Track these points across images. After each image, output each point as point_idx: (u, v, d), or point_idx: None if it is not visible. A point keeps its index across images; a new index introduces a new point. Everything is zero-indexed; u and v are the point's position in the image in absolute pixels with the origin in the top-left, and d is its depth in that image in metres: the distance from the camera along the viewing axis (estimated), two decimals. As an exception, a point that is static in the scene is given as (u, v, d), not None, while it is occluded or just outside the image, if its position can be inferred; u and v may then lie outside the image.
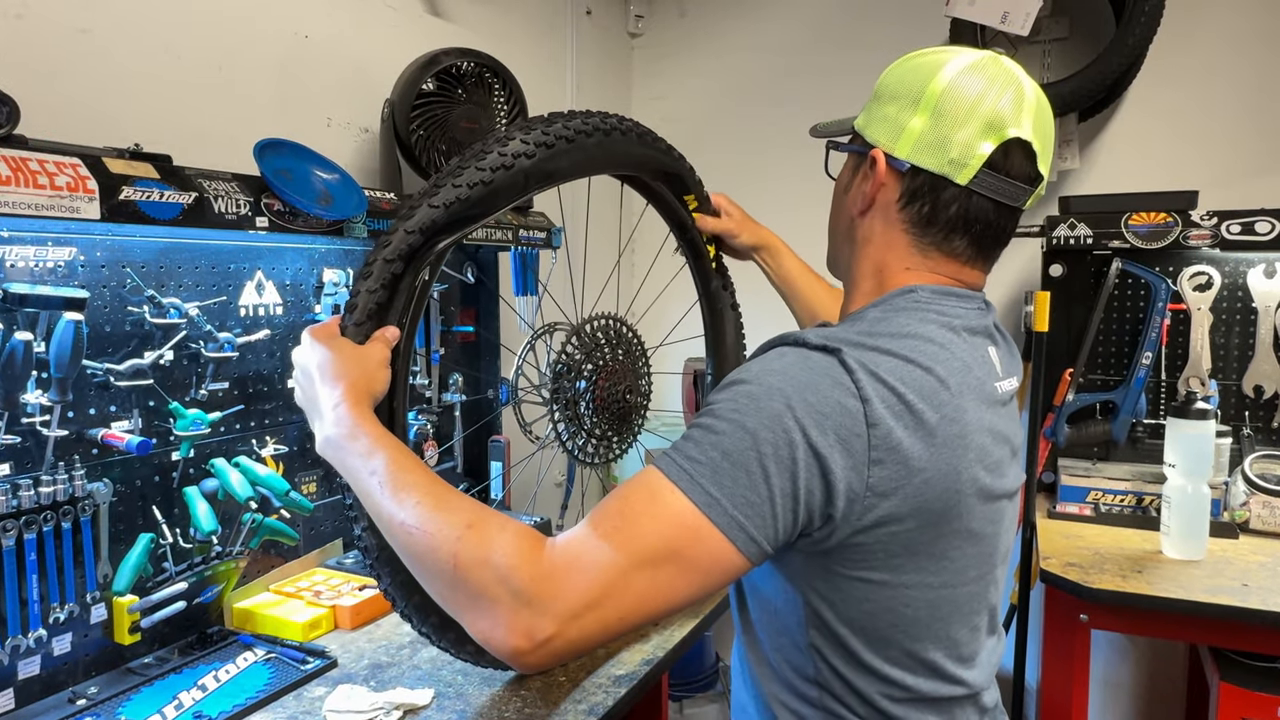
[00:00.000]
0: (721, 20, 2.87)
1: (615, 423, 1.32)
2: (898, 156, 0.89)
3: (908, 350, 0.81)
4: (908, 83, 0.90)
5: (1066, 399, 2.08)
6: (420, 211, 0.98)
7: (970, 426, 0.82)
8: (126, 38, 1.41)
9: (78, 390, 1.23)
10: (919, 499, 0.79)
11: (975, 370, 0.86)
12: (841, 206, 0.98)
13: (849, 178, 0.97)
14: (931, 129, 0.87)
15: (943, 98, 0.86)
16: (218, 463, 1.42)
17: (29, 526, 1.17)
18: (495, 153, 1.01)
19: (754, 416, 0.76)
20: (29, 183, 1.04)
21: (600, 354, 1.27)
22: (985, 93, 0.86)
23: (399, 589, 1.03)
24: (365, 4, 1.89)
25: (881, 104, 0.92)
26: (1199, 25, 2.29)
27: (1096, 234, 2.04)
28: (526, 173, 1.03)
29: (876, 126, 0.92)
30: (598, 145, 1.12)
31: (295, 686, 1.25)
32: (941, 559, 0.83)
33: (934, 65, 0.88)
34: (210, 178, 1.29)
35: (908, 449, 0.77)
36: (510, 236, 1.81)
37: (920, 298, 0.88)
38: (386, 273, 0.97)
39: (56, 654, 1.23)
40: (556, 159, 1.06)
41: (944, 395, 0.81)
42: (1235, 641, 1.66)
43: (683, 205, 1.39)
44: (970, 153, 0.86)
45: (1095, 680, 2.38)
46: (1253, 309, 2.08)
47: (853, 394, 0.77)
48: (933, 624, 0.85)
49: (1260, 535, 1.90)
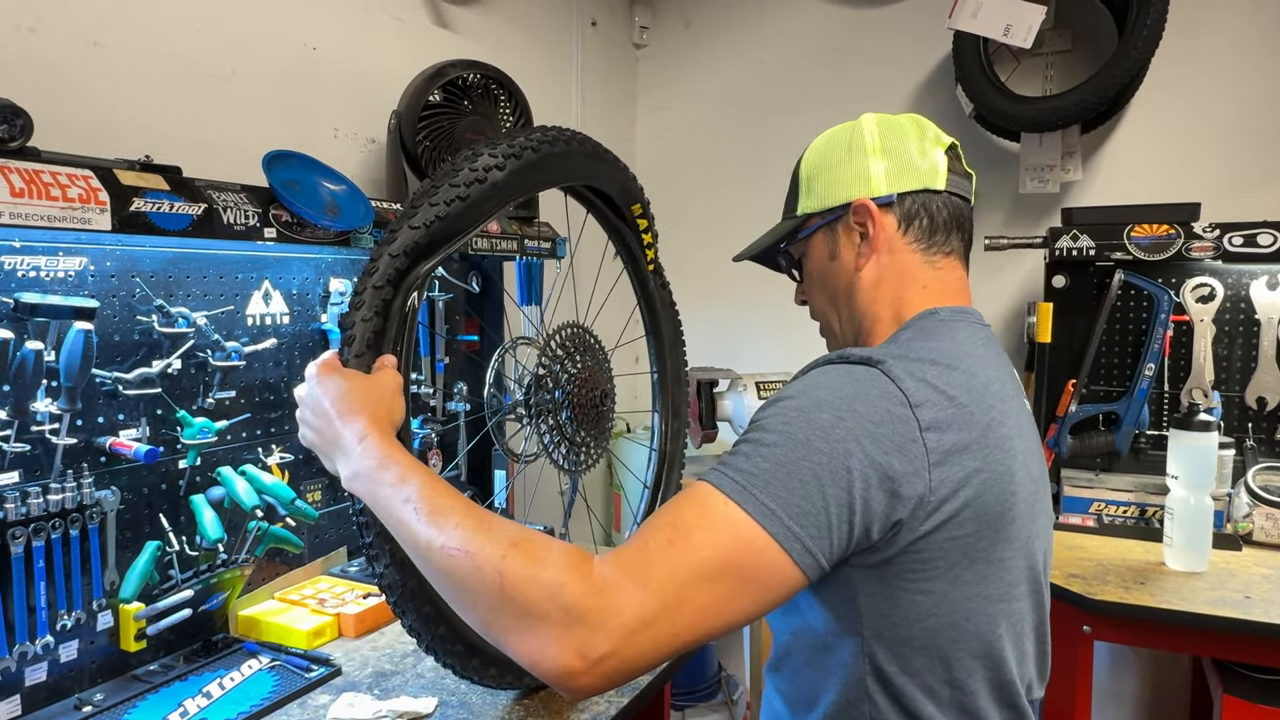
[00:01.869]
0: (725, 32, 2.89)
1: (593, 425, 1.33)
2: (880, 194, 0.96)
3: (949, 359, 0.84)
4: (838, 147, 0.99)
5: (1069, 410, 2.08)
6: (402, 234, 0.98)
7: (1014, 431, 0.85)
8: (137, 51, 1.43)
9: (87, 399, 1.24)
10: (979, 500, 0.79)
11: (1009, 382, 0.91)
12: (832, 276, 1.01)
13: (826, 250, 1.01)
14: (893, 162, 0.96)
15: (882, 138, 0.97)
16: (224, 471, 1.43)
17: (37, 534, 1.18)
18: (466, 169, 1.02)
19: (805, 429, 0.75)
20: (42, 194, 1.05)
21: (572, 362, 1.28)
22: (904, 123, 0.99)
23: (423, 623, 1.03)
24: (372, 16, 1.91)
25: (824, 176, 1.00)
26: (1201, 38, 2.30)
27: (1099, 245, 2.05)
28: (499, 185, 1.04)
29: (836, 190, 0.98)
30: (560, 157, 1.15)
31: (299, 694, 1.26)
32: (1000, 565, 0.82)
33: (848, 128, 1.00)
34: (219, 189, 1.30)
35: (964, 449, 0.78)
36: (515, 246, 1.82)
37: (943, 317, 0.93)
38: (378, 300, 0.97)
39: (63, 661, 1.23)
40: (524, 172, 1.08)
41: (990, 399, 0.84)
42: (1238, 653, 1.65)
43: (620, 213, 1.40)
44: (934, 163, 0.96)
45: (1098, 692, 2.37)
46: (1255, 321, 2.08)
47: (902, 401, 0.77)
48: (991, 641, 0.83)
49: (1263, 547, 1.90)
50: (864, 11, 2.69)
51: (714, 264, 2.58)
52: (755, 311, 2.78)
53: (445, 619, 1.05)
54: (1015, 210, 2.54)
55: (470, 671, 1.12)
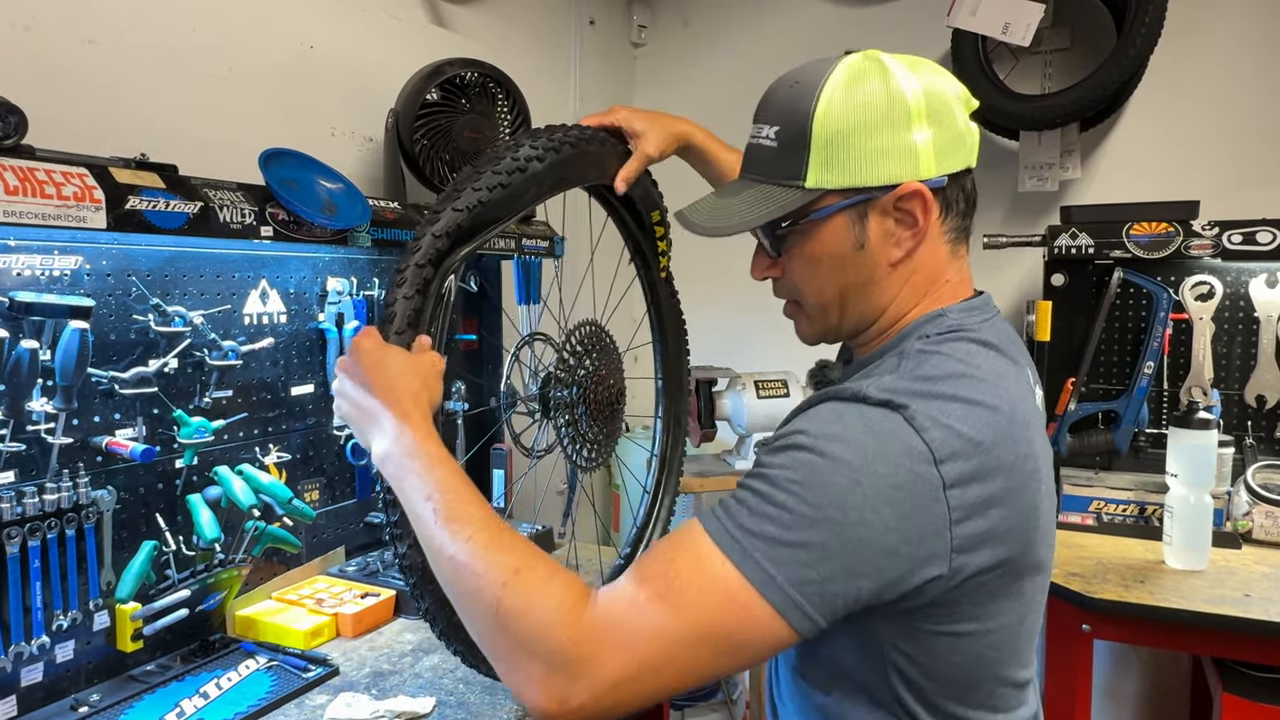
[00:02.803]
0: (724, 30, 2.88)
1: (606, 424, 1.34)
2: (930, 177, 0.81)
3: (970, 392, 0.75)
4: (875, 107, 0.80)
5: (1068, 408, 2.08)
6: (445, 215, 1.00)
7: (1039, 459, 0.79)
8: (133, 49, 1.42)
9: (82, 398, 1.24)
10: (1003, 545, 0.75)
11: (1026, 397, 0.82)
12: (852, 266, 0.85)
13: (850, 237, 0.84)
14: (941, 133, 0.81)
15: (929, 100, 0.81)
16: (221, 470, 1.43)
17: (33, 533, 1.17)
18: (509, 158, 1.04)
19: (817, 491, 0.70)
20: (37, 193, 1.05)
21: (589, 360, 1.29)
22: (940, 77, 0.84)
23: (439, 608, 1.02)
24: (370, 15, 1.90)
25: (857, 143, 0.81)
26: (1200, 36, 2.30)
27: (1098, 244, 2.05)
28: (538, 176, 1.05)
29: (876, 166, 0.81)
30: (595, 154, 1.16)
31: (297, 694, 1.25)
32: (1020, 596, 0.80)
33: (884, 81, 0.81)
34: (215, 187, 1.30)
35: (989, 501, 0.73)
36: (513, 246, 1.82)
37: (952, 321, 0.83)
38: (420, 278, 0.98)
39: (59, 661, 1.23)
40: (564, 165, 1.09)
41: (1016, 431, 0.76)
42: (1238, 652, 1.65)
43: (640, 218, 1.38)
44: (969, 133, 0.84)
45: (1098, 690, 2.37)
46: (1254, 319, 2.08)
47: (926, 458, 0.70)
48: (1012, 657, 0.83)
49: (1263, 545, 1.90)
50: (862, 10, 2.69)
51: (713, 263, 2.57)
52: (754, 311, 2.77)
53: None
54: (1014, 208, 2.54)
55: (479, 661, 1.11)
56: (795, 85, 0.85)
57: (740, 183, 0.90)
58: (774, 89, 0.89)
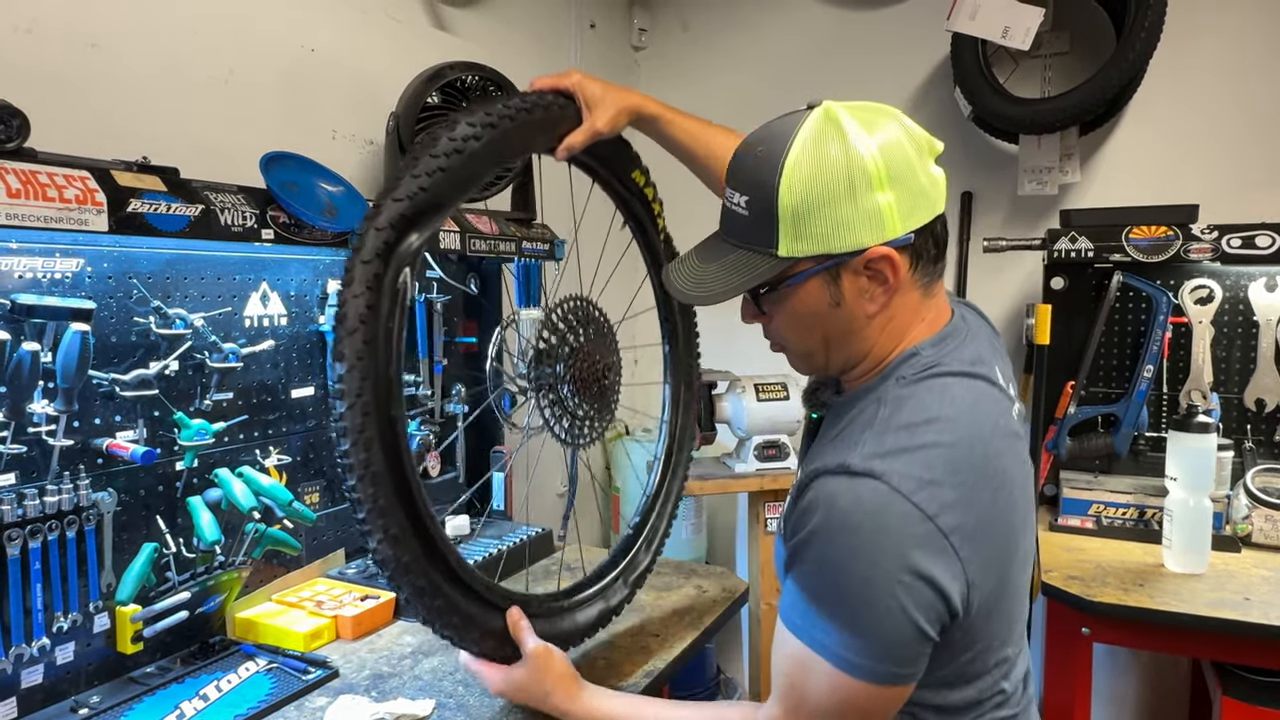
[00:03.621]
0: (724, 34, 2.89)
1: (596, 400, 1.31)
2: (895, 237, 0.85)
3: (944, 434, 0.83)
4: (835, 178, 0.84)
5: (1068, 412, 2.08)
6: (386, 207, 0.99)
7: (1011, 476, 0.88)
8: (134, 52, 1.43)
9: (83, 400, 1.24)
10: (994, 559, 0.85)
11: (997, 419, 0.89)
12: (830, 321, 0.91)
13: (826, 297, 0.89)
14: (903, 193, 0.85)
15: (887, 163, 0.84)
16: (221, 473, 1.43)
17: (34, 535, 1.18)
18: (445, 139, 1.03)
19: (851, 588, 0.80)
20: (39, 195, 1.05)
21: (574, 335, 1.26)
22: (900, 138, 0.86)
23: (418, 597, 1.04)
24: (371, 18, 1.91)
25: (821, 214, 0.85)
26: (1199, 39, 2.31)
27: (1097, 247, 2.05)
28: (478, 154, 1.04)
29: (842, 235, 0.85)
30: (541, 121, 1.13)
31: (296, 697, 1.25)
32: (1013, 589, 0.90)
33: (840, 147, 0.84)
34: (217, 190, 1.30)
35: (977, 526, 0.82)
36: (513, 249, 1.82)
37: (925, 360, 0.90)
38: (368, 275, 0.97)
39: (59, 663, 1.23)
40: (506, 138, 1.07)
41: (989, 463, 0.85)
42: (1238, 655, 1.65)
43: (626, 183, 1.36)
44: (936, 181, 0.89)
45: (1098, 694, 2.36)
46: (1254, 322, 2.08)
47: (920, 518, 0.79)
48: (1007, 637, 0.92)
49: (1262, 549, 1.90)
50: (862, 13, 2.70)
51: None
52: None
53: (441, 592, 1.06)
54: (1014, 212, 2.54)
55: (470, 643, 1.13)
56: (759, 154, 0.88)
57: (719, 244, 0.94)
58: (741, 154, 0.92)
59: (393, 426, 0.99)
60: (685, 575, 1.79)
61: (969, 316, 1.01)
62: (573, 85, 1.18)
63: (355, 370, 0.96)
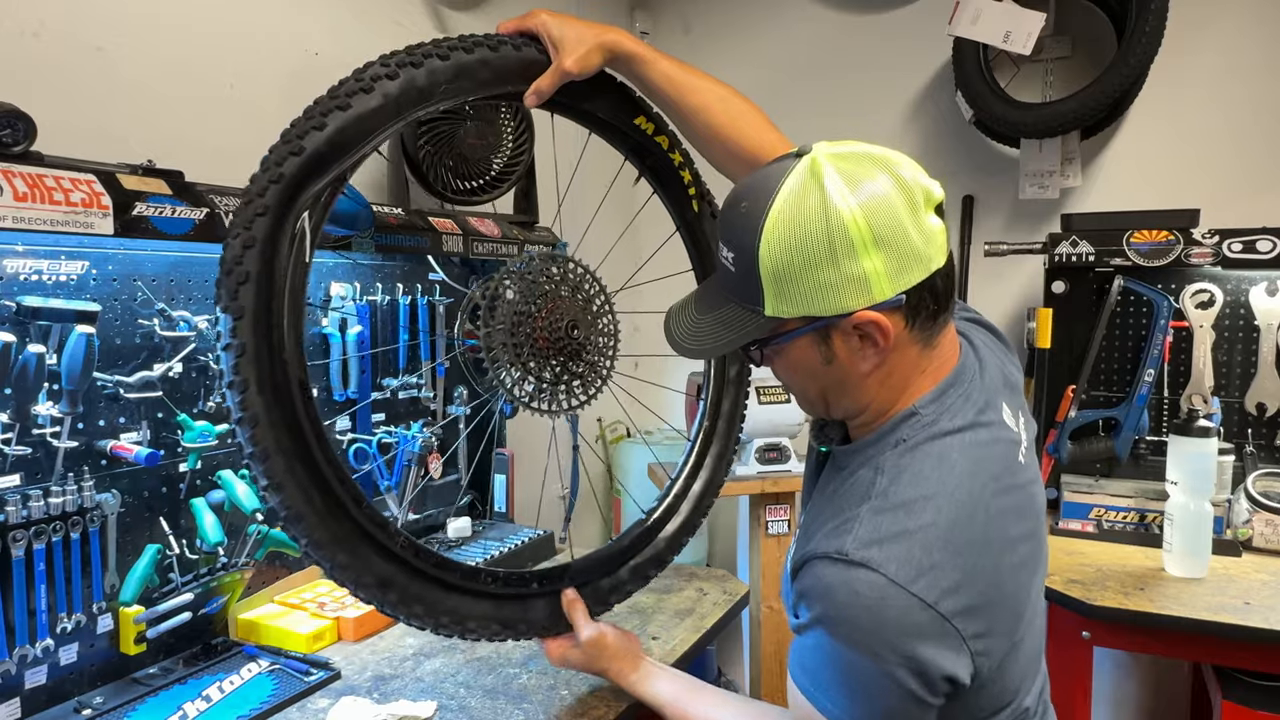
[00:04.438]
0: (725, 37, 2.90)
1: (570, 359, 1.19)
2: (884, 300, 0.81)
3: (940, 512, 0.81)
4: (815, 243, 0.79)
5: (1069, 415, 2.08)
6: (276, 149, 0.93)
7: (1013, 535, 0.87)
8: (140, 56, 1.43)
9: (88, 402, 1.25)
10: (1004, 623, 0.85)
11: (999, 474, 0.88)
12: (825, 375, 0.89)
13: (818, 354, 0.87)
14: (892, 255, 0.80)
15: (871, 226, 0.79)
16: (224, 474, 1.43)
17: (38, 537, 1.18)
18: (352, 79, 0.97)
19: (856, 679, 0.81)
20: (45, 199, 1.06)
21: (539, 294, 1.16)
22: (890, 194, 0.80)
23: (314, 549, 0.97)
24: (375, 21, 1.91)
25: (801, 280, 0.81)
26: (1200, 44, 2.31)
27: (1098, 251, 2.05)
28: (393, 95, 0.98)
29: (823, 300, 0.81)
30: (490, 62, 1.05)
31: (299, 698, 1.26)
32: (1025, 636, 0.90)
33: (823, 209, 0.79)
34: (221, 193, 1.31)
35: (982, 600, 0.82)
36: (516, 251, 1.82)
37: (924, 419, 0.87)
38: (248, 215, 0.92)
39: (63, 664, 1.24)
40: (432, 77, 1.00)
41: (990, 532, 0.84)
42: (1238, 660, 1.65)
43: (628, 129, 1.24)
44: (933, 235, 0.82)
45: (1098, 697, 2.37)
46: (1255, 326, 2.08)
47: (920, 606, 0.78)
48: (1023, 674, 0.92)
49: (1263, 553, 1.90)
50: (864, 17, 2.70)
51: (714, 269, 2.58)
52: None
53: (398, 580, 1.02)
54: (1015, 216, 2.55)
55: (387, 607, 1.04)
56: (743, 211, 0.84)
57: (715, 293, 0.91)
58: (728, 207, 0.88)
59: (283, 372, 0.92)
60: (686, 578, 1.80)
61: (977, 340, 0.98)
62: (537, 25, 1.09)
63: (230, 311, 0.92)
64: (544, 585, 1.19)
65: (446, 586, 1.07)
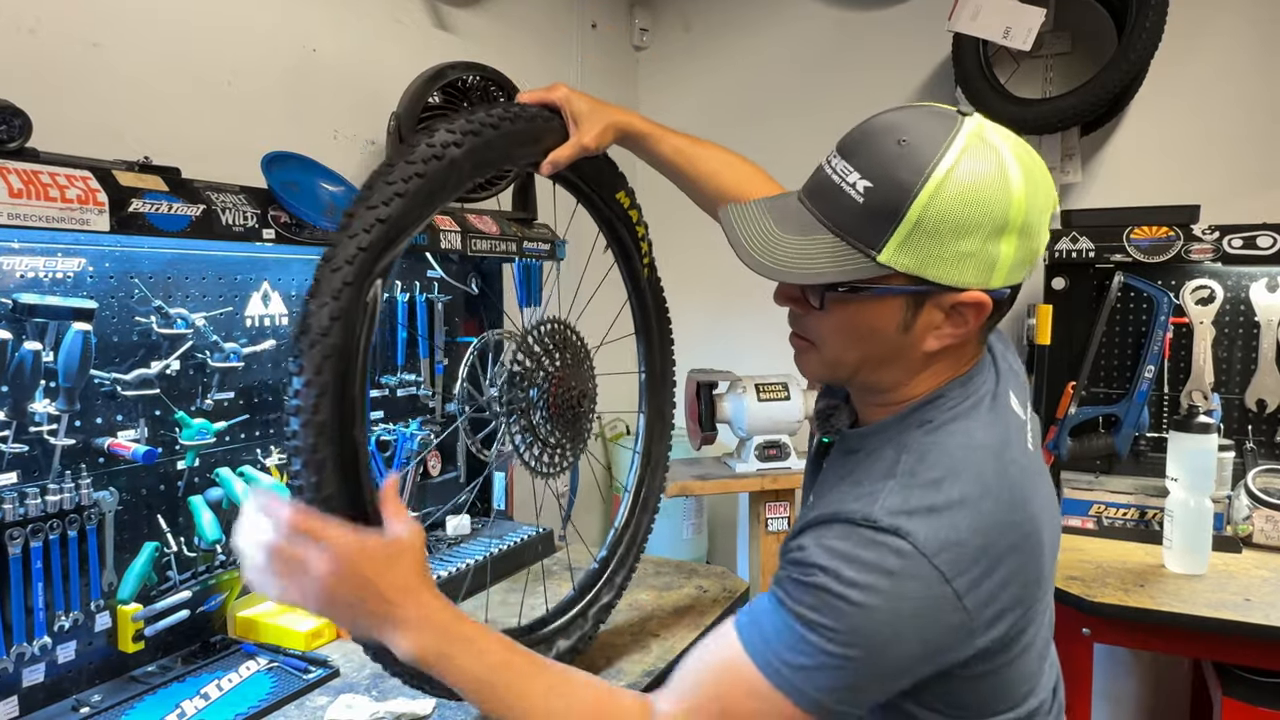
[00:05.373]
0: (725, 34, 2.89)
1: (568, 428, 1.27)
2: (994, 289, 0.81)
3: (968, 489, 0.79)
4: (983, 212, 0.77)
5: (1069, 412, 2.08)
6: (360, 215, 0.92)
7: (1038, 520, 0.83)
8: (137, 52, 1.43)
9: (85, 400, 1.24)
10: (1017, 608, 0.81)
11: (1018, 460, 0.85)
12: (884, 342, 0.84)
13: (898, 319, 0.83)
14: (1021, 248, 0.79)
15: (1028, 214, 0.78)
16: (222, 472, 1.43)
17: (35, 534, 1.18)
18: (424, 145, 0.98)
19: (848, 634, 0.76)
20: (40, 195, 1.05)
21: (549, 359, 1.21)
22: (1045, 182, 0.81)
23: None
24: (373, 18, 1.91)
25: (947, 241, 0.77)
26: (1201, 40, 2.30)
27: (1098, 248, 2.05)
28: (457, 162, 1.00)
29: (954, 267, 0.78)
30: (523, 132, 1.09)
31: (297, 696, 1.26)
32: (1034, 623, 0.87)
33: (1000, 178, 0.77)
34: (218, 190, 1.30)
35: (1000, 584, 0.79)
36: (514, 248, 1.82)
37: (951, 401, 0.85)
38: (336, 283, 0.89)
39: (61, 662, 1.23)
40: (486, 147, 1.03)
41: (1015, 514, 0.81)
42: (1238, 656, 1.65)
43: (610, 203, 1.33)
44: (1043, 246, 0.83)
45: (1098, 694, 2.36)
46: (1255, 323, 2.08)
47: (940, 579, 0.76)
48: (1034, 672, 0.90)
49: (1263, 550, 1.90)
50: (863, 14, 2.70)
51: (713, 266, 2.57)
52: (754, 314, 2.78)
53: None
54: (1015, 212, 2.54)
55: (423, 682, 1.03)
56: (902, 144, 0.78)
57: (803, 213, 0.84)
58: (876, 135, 0.80)
59: (353, 450, 0.90)
60: (686, 575, 1.80)
61: (992, 342, 0.98)
62: (559, 99, 1.13)
63: (314, 385, 0.87)
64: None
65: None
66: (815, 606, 0.77)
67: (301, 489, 0.88)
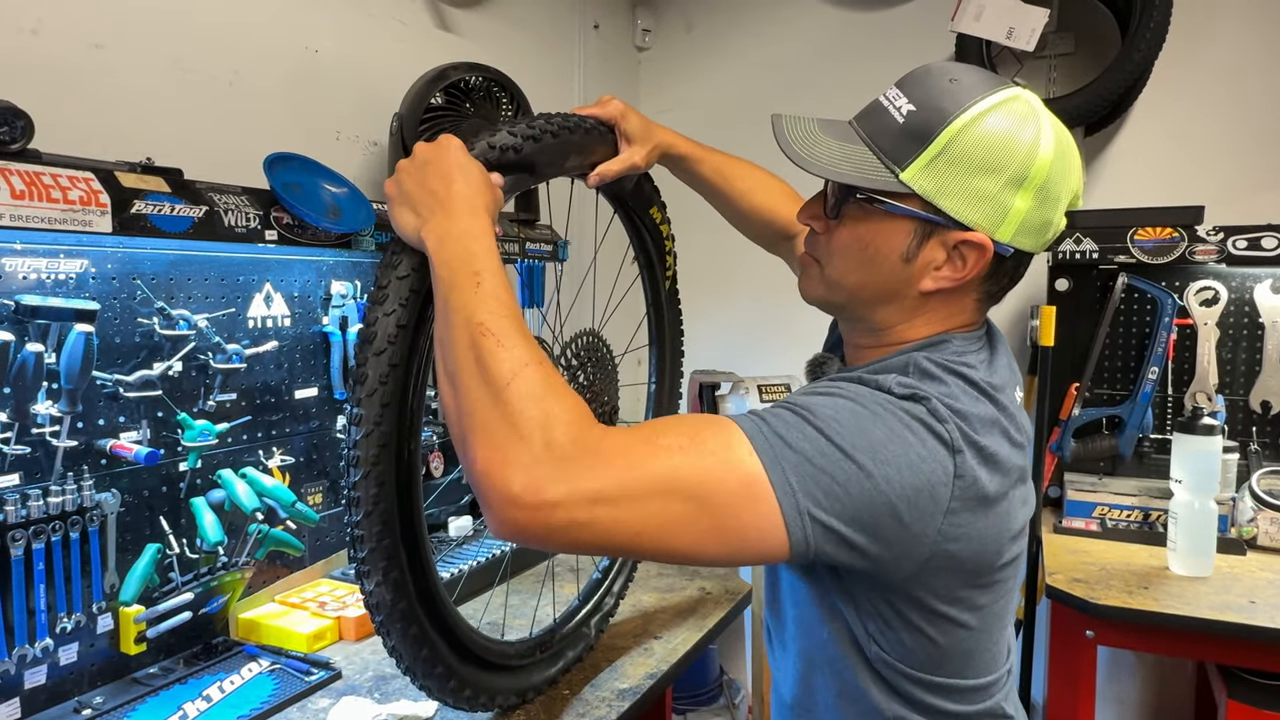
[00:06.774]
0: (727, 35, 2.89)
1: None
2: (1000, 240, 0.83)
3: (971, 407, 0.80)
4: (1007, 156, 0.80)
5: (1073, 414, 2.08)
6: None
7: (1027, 474, 0.85)
8: (139, 53, 1.43)
9: (87, 401, 1.24)
10: (979, 541, 0.79)
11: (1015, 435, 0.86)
12: (885, 269, 0.86)
13: (902, 245, 0.85)
14: (1036, 211, 0.82)
15: (1049, 178, 0.82)
16: (225, 474, 1.43)
17: (37, 536, 1.18)
18: (484, 143, 0.99)
19: (855, 434, 0.74)
20: (43, 197, 1.05)
21: (583, 374, 1.22)
22: (1075, 161, 0.85)
23: (407, 645, 1.00)
24: (375, 19, 1.91)
25: (967, 174, 0.81)
26: (1205, 41, 2.30)
27: (1102, 249, 2.05)
28: (515, 165, 1.01)
29: (968, 204, 0.81)
30: (577, 143, 1.11)
31: (299, 698, 1.25)
32: (997, 587, 0.84)
33: (1033, 137, 0.81)
34: (220, 191, 1.30)
35: (979, 499, 0.77)
36: (516, 249, 1.82)
37: (955, 348, 0.86)
38: (403, 290, 0.92)
39: (63, 663, 1.23)
40: (543, 153, 1.04)
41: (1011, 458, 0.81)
42: (1243, 659, 1.65)
43: (644, 218, 1.36)
44: (1056, 227, 0.86)
45: (1102, 697, 2.36)
46: (1259, 324, 2.07)
47: (946, 442, 0.76)
48: (989, 647, 0.87)
49: (1268, 552, 1.89)
50: (866, 14, 2.69)
51: (717, 267, 2.57)
52: (758, 314, 2.78)
53: (429, 641, 1.02)
54: (1018, 213, 2.53)
55: (447, 694, 1.07)
56: (953, 82, 0.83)
57: (847, 127, 0.89)
58: (935, 71, 0.86)
59: (410, 462, 0.93)
60: (689, 577, 1.79)
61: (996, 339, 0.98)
62: (615, 115, 1.15)
63: (377, 396, 0.89)
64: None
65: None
66: (830, 405, 0.76)
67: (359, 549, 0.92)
